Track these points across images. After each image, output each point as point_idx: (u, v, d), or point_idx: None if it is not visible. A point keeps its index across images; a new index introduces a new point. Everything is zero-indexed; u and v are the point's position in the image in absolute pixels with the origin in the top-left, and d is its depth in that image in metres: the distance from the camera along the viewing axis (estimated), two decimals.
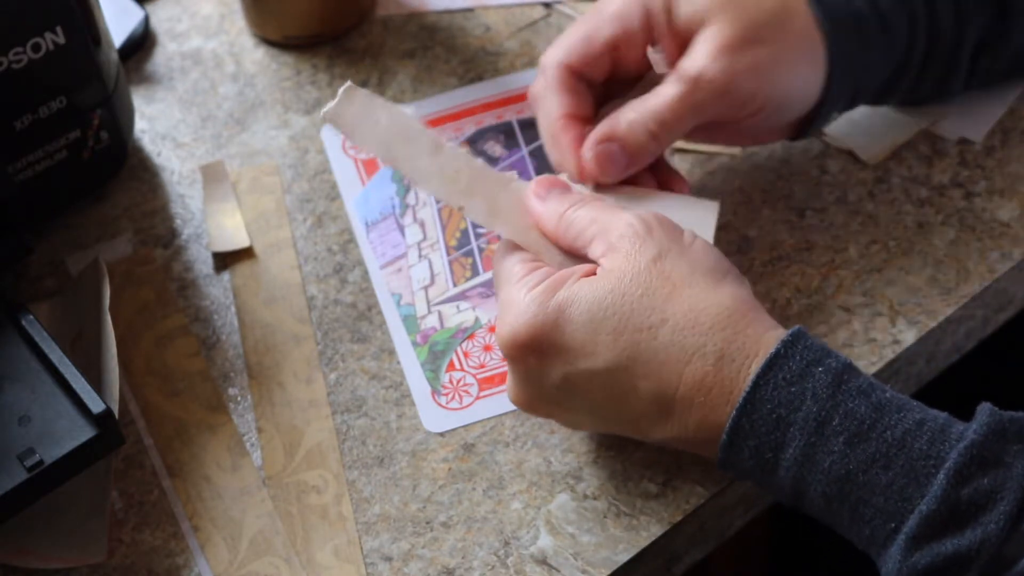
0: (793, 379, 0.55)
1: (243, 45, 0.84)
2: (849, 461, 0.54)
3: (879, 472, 0.53)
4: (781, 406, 0.55)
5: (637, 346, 0.57)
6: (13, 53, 0.66)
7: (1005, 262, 0.70)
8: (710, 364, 0.56)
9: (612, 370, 0.58)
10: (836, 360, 0.56)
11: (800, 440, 0.55)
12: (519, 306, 0.59)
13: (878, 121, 0.76)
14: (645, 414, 0.59)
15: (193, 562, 0.63)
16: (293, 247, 0.74)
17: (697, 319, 0.57)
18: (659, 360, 0.57)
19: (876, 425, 0.54)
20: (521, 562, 0.62)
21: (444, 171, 0.65)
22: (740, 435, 0.56)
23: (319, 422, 0.67)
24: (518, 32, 0.82)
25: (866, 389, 0.55)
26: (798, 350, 0.56)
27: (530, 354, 0.59)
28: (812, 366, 0.55)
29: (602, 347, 0.58)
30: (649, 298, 0.57)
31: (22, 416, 0.62)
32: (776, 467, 0.56)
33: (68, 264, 0.74)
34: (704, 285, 0.58)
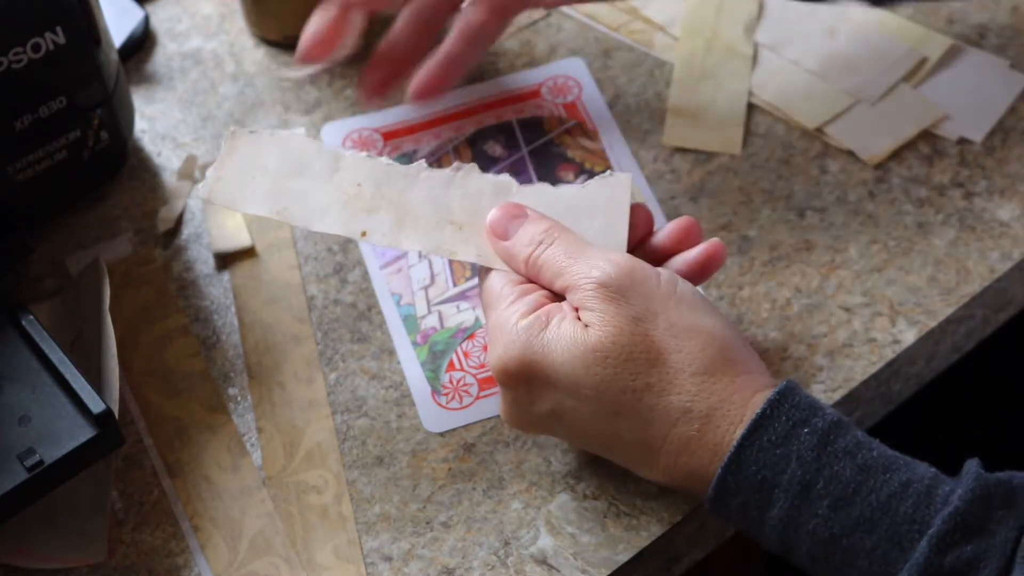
0: (778, 441, 0.55)
1: (243, 45, 0.84)
2: (833, 525, 0.54)
3: (863, 536, 0.53)
4: (766, 468, 0.55)
5: (620, 405, 0.57)
6: (13, 53, 0.66)
7: (1005, 262, 0.70)
8: (695, 428, 0.56)
9: (596, 417, 0.58)
10: (823, 419, 0.55)
11: (785, 503, 0.54)
12: (510, 335, 0.59)
13: (878, 121, 0.76)
14: (632, 456, 0.59)
15: (193, 562, 0.63)
16: (293, 247, 0.74)
17: (683, 385, 0.57)
18: (643, 419, 0.57)
19: (861, 488, 0.54)
20: (521, 562, 0.62)
21: (344, 192, 0.63)
22: (726, 492, 0.56)
23: (319, 422, 0.67)
24: (518, 32, 0.82)
25: (852, 450, 0.54)
26: (784, 410, 0.55)
27: (520, 383, 0.59)
28: (798, 427, 0.55)
29: (589, 392, 0.57)
30: (632, 364, 0.57)
31: (22, 416, 0.62)
32: (762, 524, 0.56)
33: (68, 264, 0.74)
34: (690, 346, 0.57)
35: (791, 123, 0.77)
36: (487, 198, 0.64)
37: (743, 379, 0.57)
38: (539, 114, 0.79)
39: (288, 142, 0.64)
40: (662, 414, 0.57)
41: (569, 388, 0.58)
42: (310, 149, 0.64)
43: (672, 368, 0.57)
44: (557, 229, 0.61)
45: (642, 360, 0.57)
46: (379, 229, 0.63)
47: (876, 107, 0.76)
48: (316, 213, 0.63)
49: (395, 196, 0.64)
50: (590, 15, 0.83)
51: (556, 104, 0.79)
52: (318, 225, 0.63)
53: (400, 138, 0.78)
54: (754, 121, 0.77)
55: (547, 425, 0.60)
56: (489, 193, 0.64)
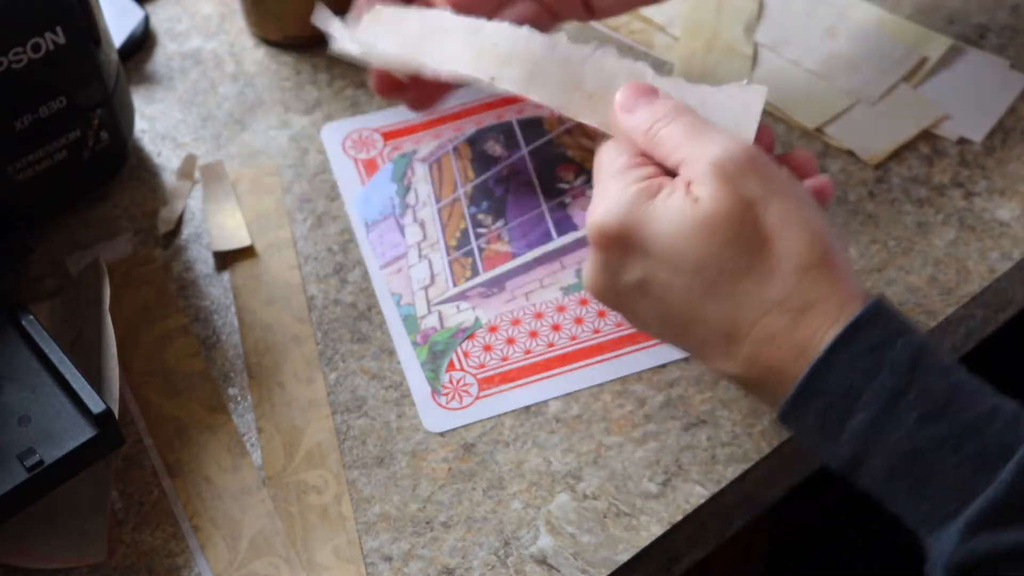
0: (873, 347, 0.54)
1: (243, 45, 0.84)
2: (919, 438, 0.53)
3: (948, 453, 0.52)
4: (857, 371, 0.54)
5: (716, 285, 0.56)
6: (13, 53, 0.66)
7: (1005, 262, 0.70)
8: (786, 321, 0.55)
9: (688, 292, 0.56)
10: (916, 335, 0.54)
11: (871, 410, 0.53)
12: (616, 197, 0.58)
13: (878, 121, 0.76)
14: (711, 343, 0.57)
15: (193, 562, 0.63)
16: (293, 247, 0.74)
17: (784, 275, 0.55)
18: (735, 303, 0.56)
19: (951, 405, 0.53)
20: (521, 562, 0.62)
21: (478, 47, 0.62)
22: (808, 394, 0.55)
23: (319, 422, 0.67)
24: None
25: (945, 367, 0.54)
26: (881, 319, 0.54)
27: (615, 246, 0.58)
28: (893, 337, 0.54)
29: (684, 268, 0.56)
30: (738, 246, 0.55)
31: (22, 416, 0.62)
32: (839, 432, 0.54)
33: (68, 264, 0.74)
34: (797, 239, 0.56)
35: (791, 123, 0.77)
36: (620, 79, 0.63)
37: (843, 283, 0.56)
38: (539, 114, 0.79)
39: (431, 13, 0.64)
40: (756, 301, 0.55)
41: (666, 259, 0.56)
42: (449, 17, 0.64)
43: (776, 257, 0.56)
44: (682, 109, 0.60)
45: (748, 243, 0.56)
46: (509, 77, 0.63)
47: (876, 107, 0.76)
48: (447, 56, 0.63)
49: (528, 56, 0.63)
50: None
51: None
52: (448, 65, 0.63)
53: (400, 138, 0.78)
54: None
55: (629, 297, 0.59)
56: (623, 75, 0.63)
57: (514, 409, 0.67)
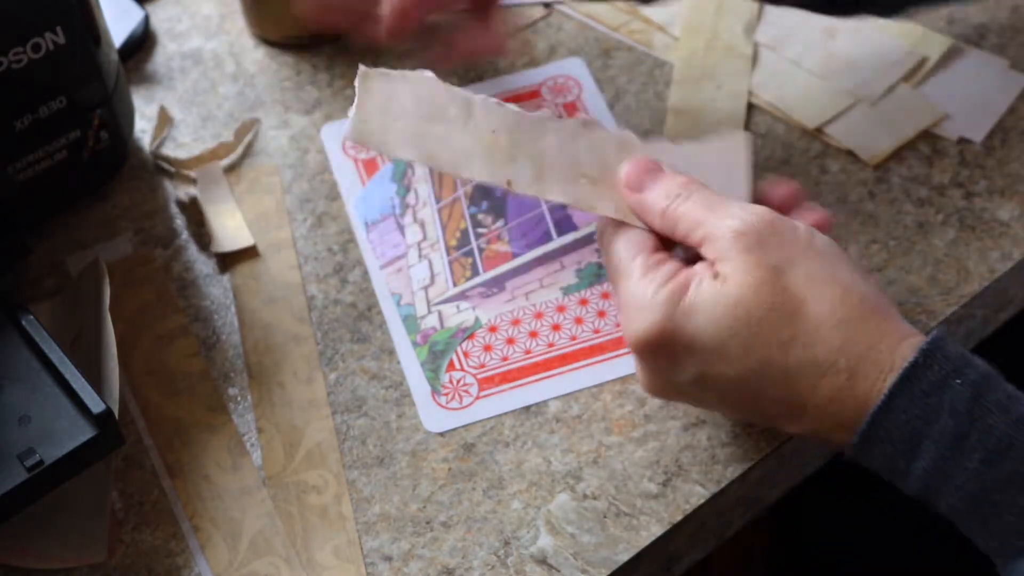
0: (930, 391, 0.53)
1: (243, 45, 0.84)
2: (985, 479, 0.52)
3: (1016, 493, 0.52)
4: (917, 418, 0.53)
5: (768, 361, 0.56)
6: (13, 53, 0.66)
7: (1005, 262, 0.70)
8: (843, 379, 0.55)
9: (743, 379, 0.57)
10: (975, 371, 0.54)
11: (934, 454, 0.53)
12: (648, 306, 0.57)
13: (878, 121, 0.76)
14: (779, 415, 0.58)
15: (193, 562, 0.63)
16: (293, 247, 0.74)
17: (829, 335, 0.55)
18: (791, 375, 0.56)
19: (1015, 444, 0.52)
20: (521, 562, 0.62)
21: (482, 140, 0.63)
22: (871, 441, 0.55)
23: (319, 422, 0.67)
24: (518, 32, 0.82)
25: (1005, 404, 0.53)
26: (937, 359, 0.54)
27: (661, 354, 0.58)
28: (950, 377, 0.53)
29: (733, 356, 0.56)
30: (776, 312, 0.56)
31: (22, 416, 0.62)
32: (907, 475, 0.55)
33: (68, 264, 0.74)
34: (831, 296, 0.56)
35: (791, 123, 0.77)
36: (612, 153, 0.63)
37: (888, 326, 0.56)
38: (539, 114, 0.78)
39: (420, 84, 0.64)
40: (809, 367, 0.55)
41: (713, 352, 0.57)
42: (441, 93, 0.64)
43: (815, 318, 0.55)
44: (694, 183, 0.60)
45: (784, 311, 0.56)
46: (522, 179, 0.63)
47: (876, 107, 0.76)
48: (462, 159, 0.63)
49: (530, 145, 0.63)
50: (590, 15, 0.83)
51: (556, 104, 0.79)
52: (466, 172, 0.63)
53: None
54: (754, 121, 0.77)
55: (691, 392, 0.59)
56: (613, 148, 0.63)
57: (514, 409, 0.67)
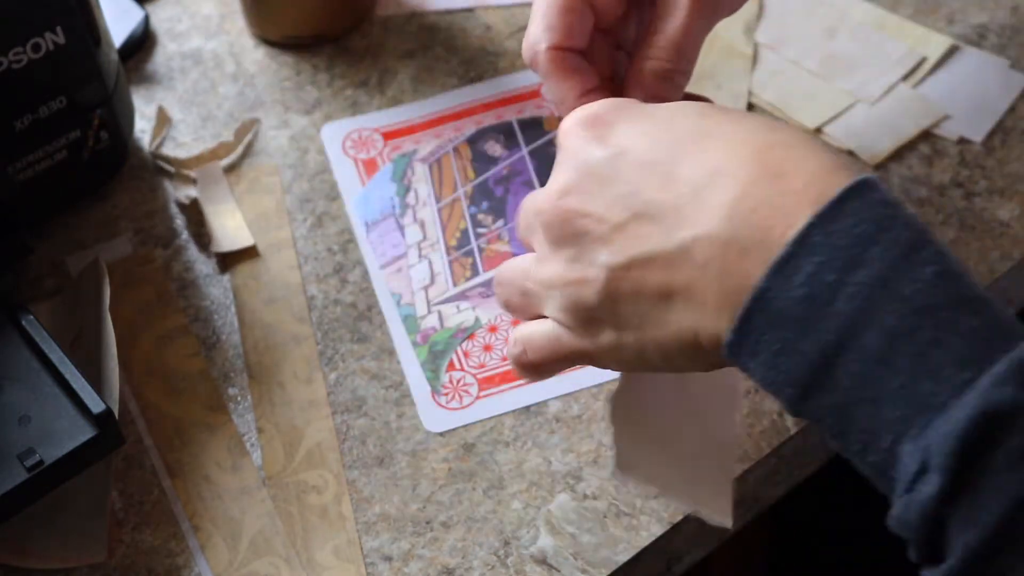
0: (888, 202, 0.47)
1: (243, 45, 0.84)
2: (936, 293, 0.45)
3: (967, 315, 0.45)
4: (869, 222, 0.46)
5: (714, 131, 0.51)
6: (13, 53, 0.66)
7: (1005, 262, 0.70)
8: (797, 154, 0.49)
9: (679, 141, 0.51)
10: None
11: (883, 261, 0.45)
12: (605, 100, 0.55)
13: (878, 121, 0.76)
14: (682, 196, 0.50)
15: (193, 562, 0.63)
16: (293, 247, 0.74)
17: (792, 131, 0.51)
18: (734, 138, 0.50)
19: (965, 274, 0.46)
20: (521, 562, 0.62)
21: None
22: (805, 248, 0.46)
23: (319, 422, 0.67)
24: (518, 32, 0.82)
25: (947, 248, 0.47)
26: (886, 190, 0.47)
27: (589, 127, 0.54)
28: (900, 204, 0.47)
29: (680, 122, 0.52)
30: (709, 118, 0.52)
31: (22, 416, 0.62)
32: (835, 294, 0.45)
33: (68, 264, 0.74)
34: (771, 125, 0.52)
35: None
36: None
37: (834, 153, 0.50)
38: (539, 114, 0.79)
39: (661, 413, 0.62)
40: (762, 137, 0.50)
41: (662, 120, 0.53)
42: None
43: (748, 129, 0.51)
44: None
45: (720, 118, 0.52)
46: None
47: (876, 107, 0.76)
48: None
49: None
50: None
51: None
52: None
53: (400, 138, 0.78)
54: None
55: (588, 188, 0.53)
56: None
57: (514, 409, 0.67)
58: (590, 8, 0.60)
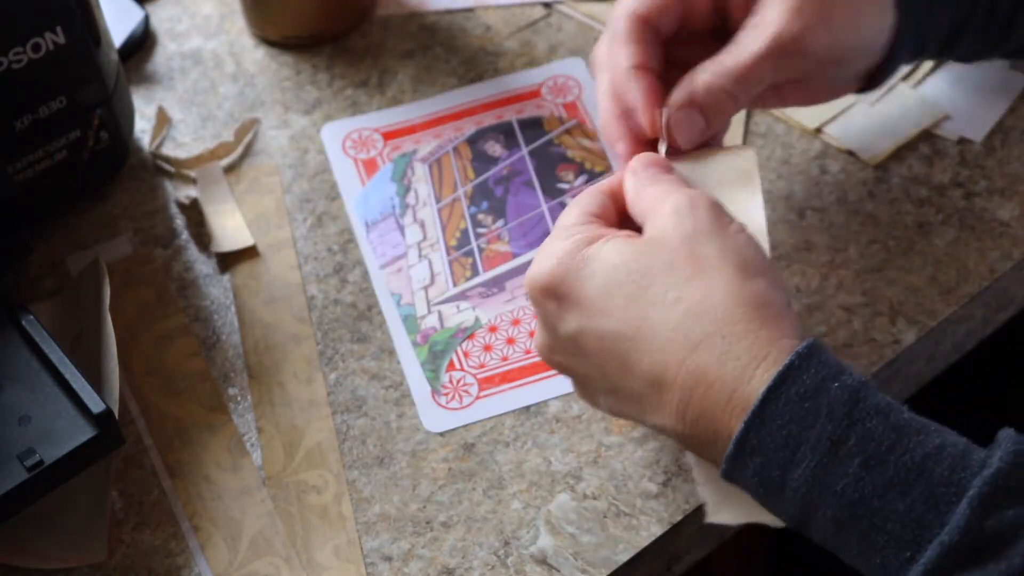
0: (807, 394, 0.52)
1: (243, 45, 0.84)
2: (865, 485, 0.50)
3: (896, 498, 0.50)
4: (793, 423, 0.51)
5: (646, 319, 0.55)
6: (13, 53, 0.66)
7: (1005, 262, 0.70)
8: (714, 357, 0.53)
9: (619, 336, 0.56)
10: (852, 377, 0.52)
11: (812, 460, 0.51)
12: (551, 252, 0.58)
13: (878, 121, 0.76)
14: (645, 395, 0.56)
15: (193, 562, 0.63)
16: (293, 247, 0.74)
17: (712, 308, 0.54)
18: (665, 338, 0.54)
19: (895, 447, 0.50)
20: (521, 562, 0.62)
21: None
22: (746, 450, 0.53)
23: (319, 422, 0.67)
24: (518, 32, 0.82)
25: (884, 409, 0.52)
26: (813, 363, 0.52)
27: (549, 298, 0.58)
28: (827, 381, 0.52)
29: (615, 309, 0.55)
30: (672, 274, 0.55)
31: (22, 416, 0.62)
32: (783, 487, 0.52)
33: (68, 264, 0.74)
34: (730, 276, 0.55)
35: (791, 123, 0.77)
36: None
37: (774, 323, 0.54)
38: (539, 114, 0.79)
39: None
40: (683, 337, 0.54)
41: (597, 302, 0.56)
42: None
43: (706, 289, 0.54)
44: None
45: (682, 274, 0.55)
46: None
47: (876, 107, 0.76)
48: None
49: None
50: (590, 15, 0.83)
51: (556, 104, 0.79)
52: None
53: (400, 138, 0.78)
54: (754, 121, 0.77)
55: (571, 352, 0.58)
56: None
57: (514, 409, 0.67)
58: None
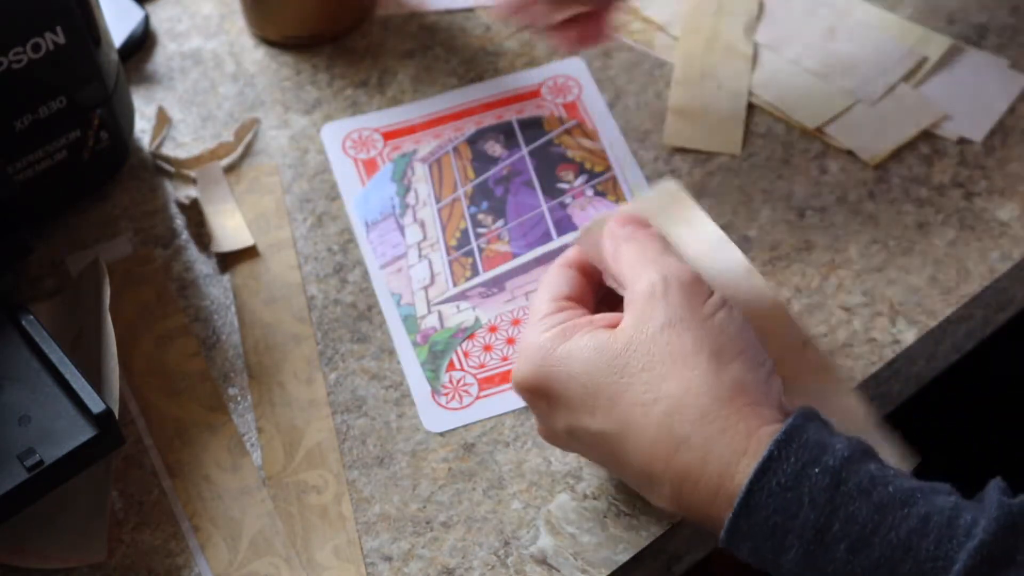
0: (788, 484, 0.52)
1: (243, 45, 0.84)
2: (853, 567, 0.51)
3: None
4: (777, 513, 0.52)
5: (629, 420, 0.56)
6: (13, 53, 0.66)
7: (1005, 262, 0.70)
8: (696, 458, 0.54)
9: (606, 435, 0.57)
10: (833, 457, 0.52)
11: (800, 548, 0.52)
12: (530, 349, 0.58)
13: (878, 121, 0.76)
14: (640, 484, 0.58)
15: (193, 562, 0.63)
16: (293, 247, 0.74)
17: (689, 406, 0.55)
18: (649, 439, 0.55)
19: (879, 528, 0.51)
20: (521, 562, 0.62)
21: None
22: (737, 537, 0.54)
23: (319, 422, 0.67)
24: (518, 32, 0.82)
25: (866, 487, 0.52)
26: (792, 450, 0.53)
27: (537, 398, 0.59)
28: (808, 467, 0.52)
29: (599, 409, 0.56)
30: (648, 373, 0.55)
31: (22, 416, 0.62)
32: (778, 568, 0.53)
33: (68, 264, 0.74)
34: (705, 368, 0.55)
35: (791, 123, 0.77)
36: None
37: (752, 411, 0.55)
38: (539, 114, 0.79)
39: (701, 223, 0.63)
40: (666, 436, 0.55)
41: (580, 404, 0.57)
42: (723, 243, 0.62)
43: (682, 386, 0.55)
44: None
45: (657, 372, 0.55)
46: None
47: (876, 107, 0.76)
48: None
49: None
50: None
51: (556, 104, 0.79)
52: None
53: (400, 138, 0.78)
54: (754, 121, 0.77)
55: (569, 441, 0.60)
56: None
57: (514, 409, 0.67)
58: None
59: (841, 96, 0.77)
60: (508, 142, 0.77)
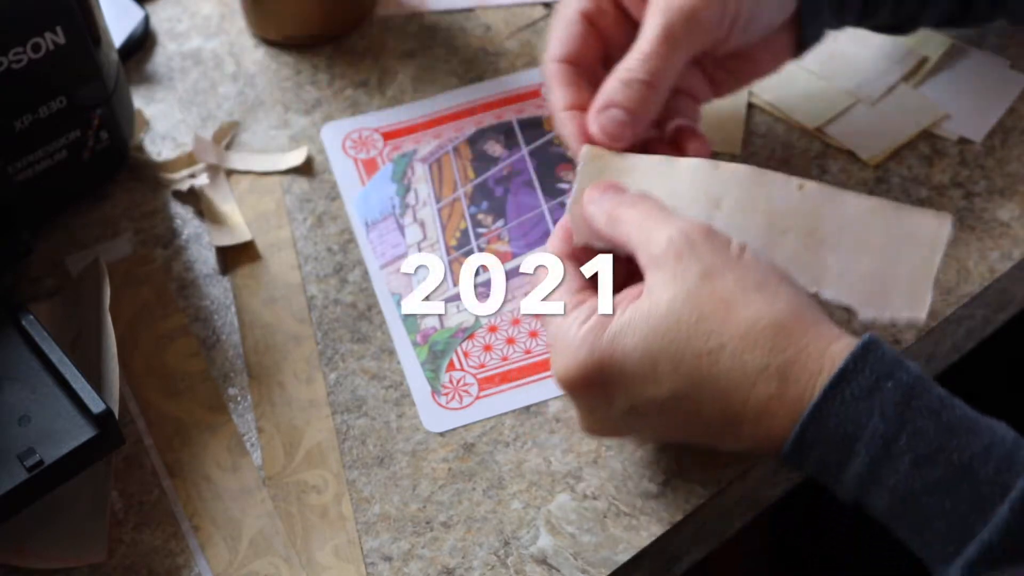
0: (861, 394, 0.54)
1: (243, 45, 0.84)
2: (914, 482, 0.53)
3: (943, 497, 0.53)
4: (848, 422, 0.54)
5: (699, 373, 0.56)
6: (13, 53, 0.66)
7: (1005, 262, 0.70)
8: (774, 386, 0.55)
9: (677, 397, 0.57)
10: (907, 374, 0.54)
11: (865, 457, 0.54)
12: (574, 344, 0.58)
13: (878, 121, 0.76)
14: (714, 433, 0.58)
15: (193, 562, 0.63)
16: (293, 247, 0.74)
17: (756, 340, 0.55)
18: (722, 387, 0.56)
19: (944, 448, 0.53)
20: (521, 562, 0.62)
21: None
22: (804, 445, 0.55)
23: (319, 422, 0.67)
24: (518, 32, 0.83)
25: (936, 407, 0.54)
26: (868, 363, 0.54)
27: (590, 390, 0.58)
28: (882, 380, 0.54)
29: (663, 375, 0.56)
30: (705, 322, 0.56)
31: (22, 416, 0.62)
32: (840, 478, 0.55)
33: (68, 264, 0.74)
34: (759, 301, 0.56)
35: (791, 123, 0.77)
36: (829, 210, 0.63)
37: (817, 330, 0.56)
38: (539, 114, 0.79)
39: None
40: (740, 375, 0.55)
41: (643, 375, 0.57)
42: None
43: (743, 324, 0.56)
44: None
45: (713, 319, 0.56)
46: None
47: (876, 107, 0.76)
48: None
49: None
50: None
51: None
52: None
53: (400, 138, 0.78)
54: (754, 121, 0.77)
55: (628, 423, 0.59)
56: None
57: (514, 409, 0.67)
58: (595, 31, 0.66)
59: (841, 96, 0.77)
60: (508, 142, 0.77)
